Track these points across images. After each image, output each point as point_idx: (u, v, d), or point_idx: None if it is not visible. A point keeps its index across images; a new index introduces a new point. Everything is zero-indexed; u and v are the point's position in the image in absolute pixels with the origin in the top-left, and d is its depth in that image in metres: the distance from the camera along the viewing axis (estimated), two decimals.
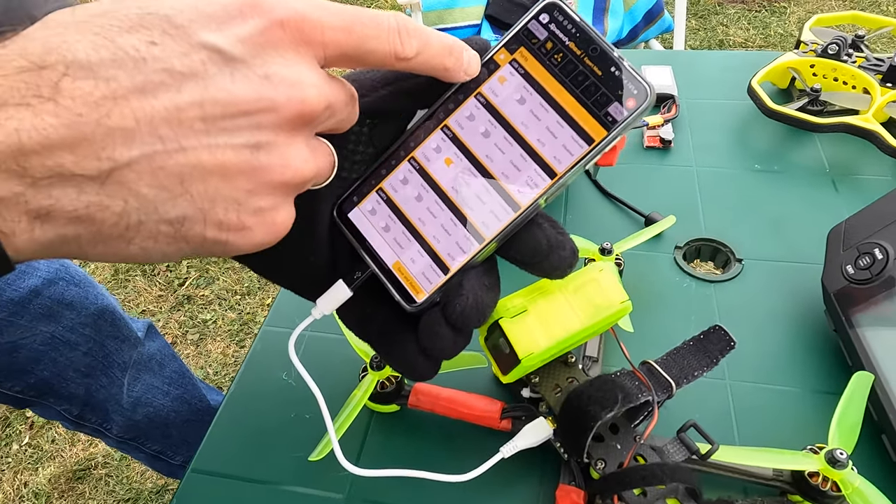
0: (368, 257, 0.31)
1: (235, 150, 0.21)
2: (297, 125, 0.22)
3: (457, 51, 0.26)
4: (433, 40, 0.25)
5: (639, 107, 0.26)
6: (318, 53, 0.22)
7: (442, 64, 0.26)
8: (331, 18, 0.22)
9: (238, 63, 0.20)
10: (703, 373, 0.36)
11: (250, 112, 0.21)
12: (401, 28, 0.24)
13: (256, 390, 0.46)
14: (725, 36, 2.22)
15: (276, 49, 0.21)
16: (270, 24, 0.21)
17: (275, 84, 0.21)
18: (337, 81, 0.24)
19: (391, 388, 0.41)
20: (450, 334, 0.29)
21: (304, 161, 0.23)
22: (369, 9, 0.24)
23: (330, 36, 0.22)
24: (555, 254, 0.29)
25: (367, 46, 0.23)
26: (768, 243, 0.52)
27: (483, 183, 0.28)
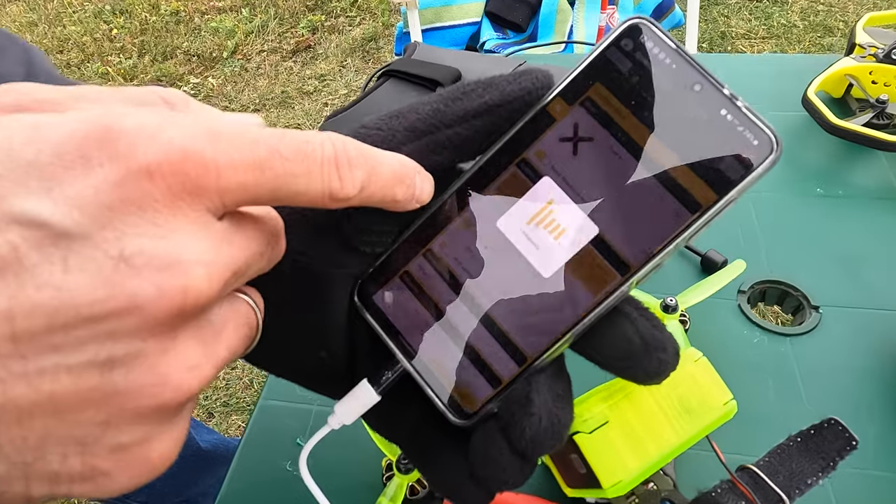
0: (401, 353, 0.23)
1: (74, 374, 0.14)
2: (177, 322, 0.15)
3: (409, 175, 0.19)
4: (382, 168, 0.18)
5: (761, 162, 0.19)
6: (212, 204, 0.15)
7: (392, 195, 0.19)
8: (233, 155, 0.15)
9: (76, 241, 0.13)
10: (819, 480, 0.29)
11: (97, 317, 0.13)
12: (339, 158, 0.17)
13: (255, 483, 0.38)
14: (727, 27, 2.16)
15: (142, 212, 0.14)
16: (131, 173, 0.14)
17: (137, 269, 0.14)
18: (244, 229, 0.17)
19: (423, 494, 0.33)
20: (515, 462, 0.22)
21: (187, 370, 0.15)
22: (294, 132, 0.16)
23: (231, 179, 0.15)
24: (651, 357, 0.21)
25: (291, 187, 0.16)
26: (845, 286, 0.45)
27: (556, 257, 0.21)
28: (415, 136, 0.22)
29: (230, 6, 2.51)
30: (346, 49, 2.26)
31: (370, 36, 2.29)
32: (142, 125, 0.14)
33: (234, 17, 2.46)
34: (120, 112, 0.14)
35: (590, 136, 0.21)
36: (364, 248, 0.23)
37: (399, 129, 0.22)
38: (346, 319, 0.24)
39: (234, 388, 1.31)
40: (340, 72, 2.16)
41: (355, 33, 2.32)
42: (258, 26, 2.40)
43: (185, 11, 2.53)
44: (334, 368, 0.24)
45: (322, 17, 2.41)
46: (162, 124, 0.14)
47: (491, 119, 0.22)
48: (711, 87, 0.19)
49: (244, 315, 0.18)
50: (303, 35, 2.36)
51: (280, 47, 2.32)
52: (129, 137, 0.14)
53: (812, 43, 2.06)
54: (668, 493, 0.30)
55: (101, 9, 2.51)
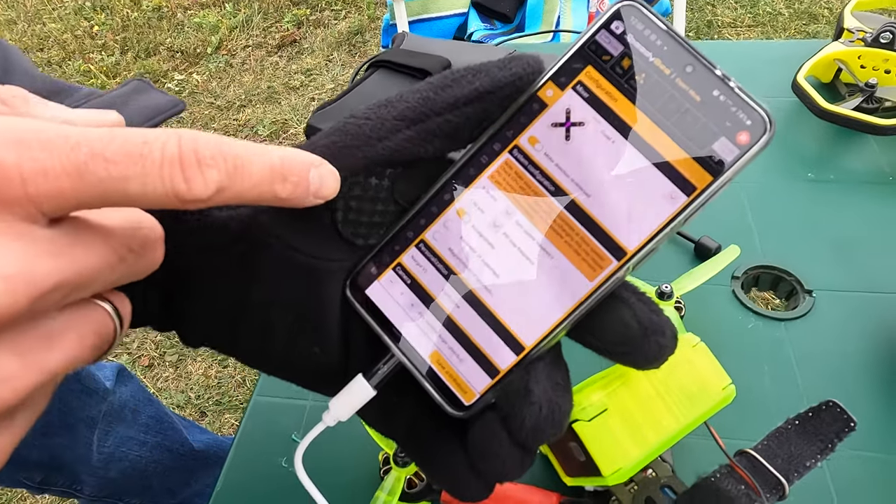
0: (396, 346, 0.23)
1: None
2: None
3: (296, 172, 0.18)
4: (250, 167, 0.17)
5: (755, 142, 0.19)
6: (25, 212, 0.14)
7: (271, 193, 0.18)
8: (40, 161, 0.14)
9: None
10: (818, 462, 0.29)
11: None
12: (185, 158, 0.15)
13: (249, 480, 0.38)
14: (714, 16, 2.16)
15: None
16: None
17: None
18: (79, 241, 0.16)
19: (421, 487, 0.33)
20: (515, 453, 0.21)
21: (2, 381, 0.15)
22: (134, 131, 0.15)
23: (41, 186, 0.14)
24: (650, 341, 0.21)
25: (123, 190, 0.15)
26: (838, 270, 0.45)
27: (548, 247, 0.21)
28: (405, 125, 0.21)
29: (213, 1, 2.48)
30: (331, 43, 2.24)
31: (356, 29, 2.27)
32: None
33: (218, 13, 2.43)
34: None
35: (582, 121, 0.20)
36: (356, 241, 0.23)
37: (388, 117, 0.21)
38: (340, 313, 0.23)
39: (226, 386, 1.30)
40: (327, 66, 2.14)
41: (341, 27, 2.30)
42: (242, 21, 2.37)
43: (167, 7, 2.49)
44: (328, 364, 0.23)
45: (307, 10, 2.39)
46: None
47: (482, 106, 0.21)
48: (703, 68, 0.19)
49: (93, 323, 0.17)
50: (288, 29, 2.34)
51: (265, 42, 2.29)
52: None
53: (797, 30, 2.06)
54: (667, 480, 0.30)
55: (81, 5, 2.47)
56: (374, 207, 0.23)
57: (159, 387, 1.32)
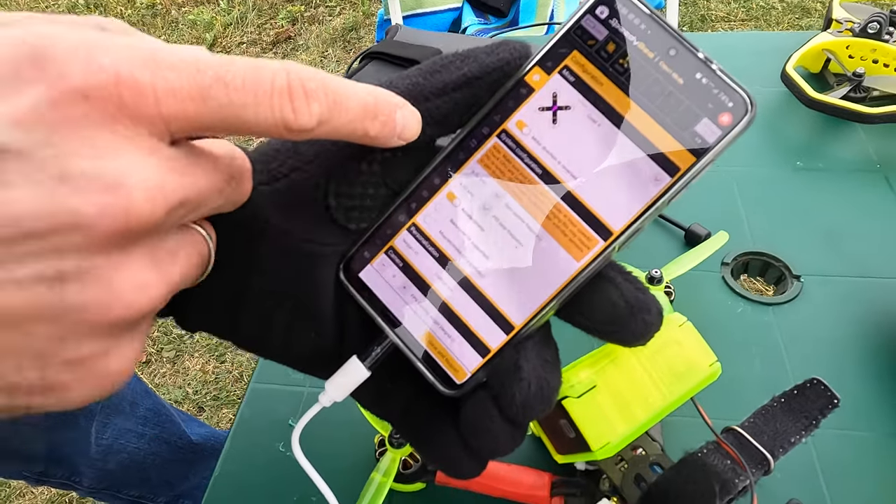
0: (389, 327, 0.23)
1: (24, 288, 0.14)
2: (125, 241, 0.15)
3: (384, 111, 0.19)
4: (349, 101, 0.18)
5: (736, 123, 0.19)
6: (157, 130, 0.15)
7: (362, 130, 0.19)
8: (171, 81, 0.15)
9: (14, 158, 0.13)
10: (803, 438, 0.30)
11: (40, 233, 0.14)
12: (293, 89, 0.16)
13: (248, 465, 0.38)
14: (707, 10, 2.17)
15: (80, 132, 0.14)
16: (67, 93, 0.13)
17: (79, 188, 0.14)
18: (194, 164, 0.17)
19: (416, 468, 0.34)
20: (506, 429, 0.22)
21: (137, 287, 0.15)
22: (246, 60, 0.16)
23: (171, 106, 0.15)
24: (636, 319, 0.22)
25: (239, 116, 0.16)
26: (825, 256, 0.46)
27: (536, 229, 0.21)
28: None
29: None
30: (326, 39, 2.24)
31: (350, 25, 2.27)
32: (75, 47, 0.14)
33: (212, 9, 2.42)
34: (54, 32, 0.14)
35: (568, 105, 0.21)
36: (349, 225, 0.23)
37: None
38: (335, 297, 0.24)
39: (223, 381, 1.31)
40: (321, 62, 2.14)
41: (335, 23, 2.30)
42: (237, 18, 2.37)
43: (161, 4, 2.49)
44: (324, 347, 0.24)
45: (301, 7, 2.39)
46: (95, 47, 0.14)
47: (470, 91, 0.22)
48: (686, 52, 0.20)
49: (197, 244, 0.18)
50: (282, 26, 2.33)
51: (260, 39, 2.29)
52: (61, 58, 0.14)
53: (790, 24, 2.07)
54: (656, 458, 0.31)
55: (74, 3, 2.46)
56: (365, 192, 0.23)
57: (157, 382, 1.32)
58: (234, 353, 1.35)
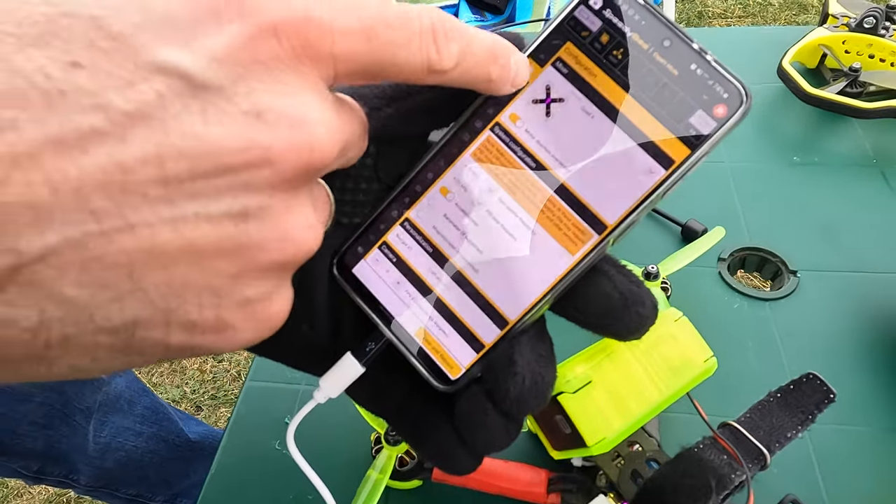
0: (383, 323, 0.23)
1: (213, 223, 0.14)
2: (301, 180, 0.15)
3: (503, 55, 0.19)
4: (476, 43, 0.18)
5: (731, 115, 0.19)
6: (327, 72, 0.16)
7: (486, 74, 0.19)
8: (345, 20, 0.15)
9: (213, 94, 0.14)
10: (798, 433, 0.30)
11: (234, 167, 0.14)
12: (436, 29, 0.17)
13: (244, 463, 0.38)
14: (704, 7, 2.17)
15: (269, 70, 0.14)
16: (260, 31, 0.14)
17: (270, 124, 0.14)
18: (347, 109, 0.17)
19: (412, 465, 0.34)
20: (500, 423, 0.22)
21: (307, 228, 0.16)
22: (391, 1, 0.16)
23: (343, 46, 0.15)
24: (630, 312, 0.21)
25: (393, 57, 0.16)
26: (822, 251, 0.46)
27: (530, 223, 0.21)
28: (385, 102, 0.22)
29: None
30: None
31: None
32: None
33: None
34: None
35: (562, 97, 0.21)
36: (342, 220, 0.23)
37: (369, 95, 0.22)
38: (328, 292, 0.23)
39: (221, 380, 1.30)
40: None
41: None
42: None
43: None
44: (317, 343, 0.24)
45: None
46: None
47: None
48: (681, 43, 0.20)
49: (327, 195, 0.19)
50: None
51: None
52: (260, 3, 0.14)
53: (787, 21, 2.07)
54: (652, 454, 0.31)
55: None
56: (358, 186, 0.23)
57: (154, 382, 1.32)
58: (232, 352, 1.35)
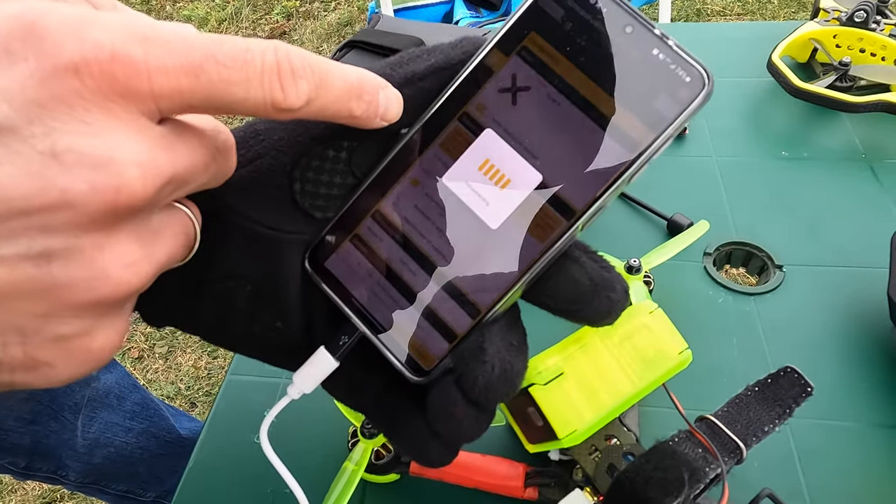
0: (356, 316, 0.23)
1: (9, 265, 0.14)
2: (113, 220, 0.15)
3: (370, 90, 0.19)
4: (332, 80, 0.18)
5: (694, 98, 0.19)
6: (147, 107, 0.15)
7: (347, 110, 0.19)
8: (162, 58, 0.15)
9: (4, 135, 0.13)
10: (776, 427, 0.29)
11: (28, 210, 0.14)
12: (281, 67, 0.16)
13: (223, 458, 0.38)
14: (703, 4, 2.16)
15: (71, 109, 0.14)
16: (58, 70, 0.13)
17: (67, 166, 0.14)
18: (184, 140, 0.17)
19: (388, 458, 0.33)
20: (470, 413, 0.22)
21: (128, 265, 0.16)
22: (235, 39, 0.16)
23: (162, 83, 0.15)
24: (600, 296, 0.21)
25: (230, 95, 0.16)
26: (809, 246, 0.45)
27: (503, 206, 0.21)
28: None
29: None
30: (321, 35, 2.24)
31: (346, 21, 2.26)
32: (67, 23, 0.14)
33: (207, 5, 2.41)
34: (45, 8, 0.14)
35: (528, 86, 0.21)
36: (315, 213, 0.23)
37: None
38: (300, 286, 0.23)
39: (216, 377, 1.30)
40: None
41: (330, 18, 2.29)
42: (231, 13, 2.36)
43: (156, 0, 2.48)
44: (290, 339, 0.24)
45: (296, 2, 2.38)
46: (88, 23, 0.14)
47: (436, 79, 0.22)
48: (642, 28, 0.19)
49: (182, 223, 0.18)
50: (277, 21, 2.33)
51: (254, 34, 2.28)
52: (54, 34, 0.13)
53: (787, 18, 2.06)
54: (629, 448, 0.30)
55: None
56: (332, 179, 0.23)
57: (149, 378, 1.32)
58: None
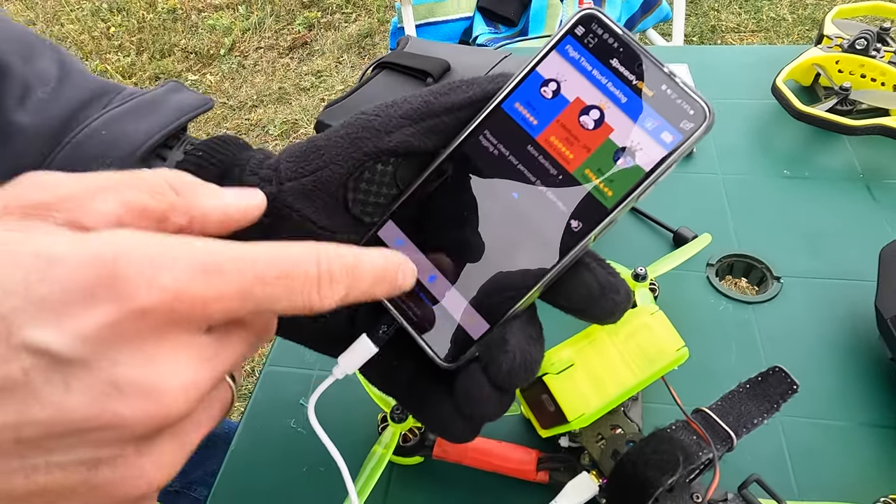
0: (395, 309, 0.27)
1: (65, 470, 0.17)
2: (155, 434, 0.18)
3: (390, 274, 0.22)
4: (364, 275, 0.20)
5: (696, 129, 0.23)
6: (198, 327, 0.18)
7: (370, 296, 0.21)
8: (219, 287, 0.17)
9: (76, 368, 0.16)
10: (764, 420, 0.33)
11: (87, 430, 0.16)
12: (321, 279, 0.19)
13: (262, 442, 0.42)
14: (717, 21, 2.19)
15: (131, 343, 0.16)
16: (129, 313, 0.16)
17: (124, 395, 0.16)
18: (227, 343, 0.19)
19: (414, 441, 0.37)
20: (494, 396, 0.25)
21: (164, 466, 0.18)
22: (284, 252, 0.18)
23: (215, 309, 0.17)
24: (607, 299, 0.25)
25: (272, 306, 0.18)
26: (806, 259, 0.49)
27: (527, 217, 0.25)
28: (408, 122, 0.26)
29: (227, 3, 2.53)
30: (342, 45, 2.29)
31: (366, 32, 2.31)
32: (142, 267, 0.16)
33: (231, 15, 2.48)
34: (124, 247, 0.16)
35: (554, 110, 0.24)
36: (364, 218, 0.27)
37: (395, 115, 0.26)
38: None
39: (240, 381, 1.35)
40: (337, 68, 2.19)
41: (351, 30, 2.34)
42: (255, 23, 2.42)
43: (181, 9, 2.55)
44: (336, 327, 0.28)
45: (318, 13, 2.44)
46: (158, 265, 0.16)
47: (473, 109, 0.25)
48: (654, 67, 0.23)
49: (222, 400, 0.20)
50: (299, 32, 2.38)
51: (277, 44, 2.34)
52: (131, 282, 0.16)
53: (800, 36, 2.09)
54: (632, 436, 0.34)
55: (98, 7, 2.53)
56: (379, 190, 0.27)
57: None
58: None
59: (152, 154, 0.29)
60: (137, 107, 0.29)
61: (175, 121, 0.29)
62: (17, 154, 0.26)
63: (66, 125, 0.27)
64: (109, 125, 0.27)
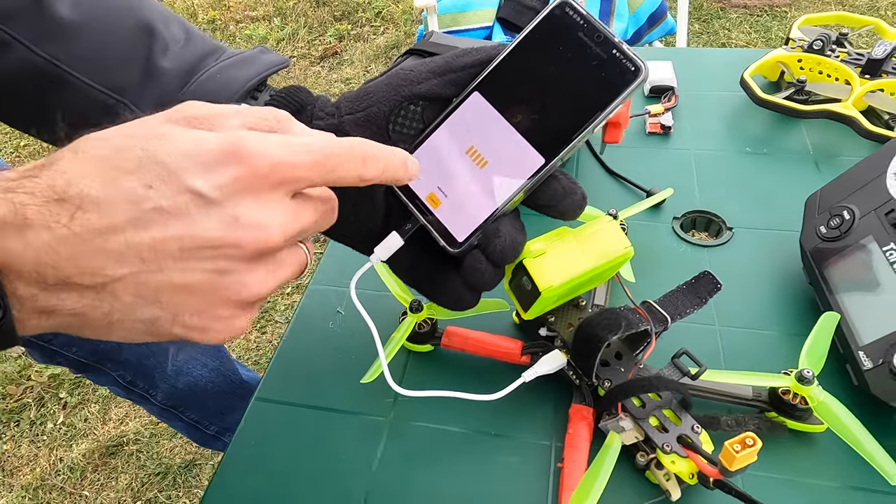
0: (418, 212, 0.37)
1: (202, 273, 0.25)
2: (259, 256, 0.26)
3: (411, 164, 0.32)
4: (393, 161, 0.30)
5: (635, 79, 0.33)
6: (291, 189, 0.26)
7: (396, 177, 0.31)
8: (303, 160, 0.26)
9: (214, 206, 0.24)
10: (694, 310, 0.43)
11: (219, 247, 0.25)
12: (367, 157, 0.28)
13: (306, 337, 0.52)
14: (728, 39, 2.29)
15: (249, 193, 0.25)
16: (246, 173, 0.25)
17: (242, 226, 0.25)
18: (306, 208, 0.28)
19: (427, 329, 0.48)
20: (490, 269, 0.36)
21: (260, 283, 0.27)
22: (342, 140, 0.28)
23: (300, 174, 0.26)
24: (568, 198, 0.36)
25: (336, 175, 0.27)
26: (756, 215, 0.59)
27: (515, 144, 0.35)
28: (434, 76, 0.37)
29: (263, 15, 2.69)
30: (370, 55, 2.43)
31: (392, 43, 2.45)
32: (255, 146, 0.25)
33: (267, 26, 2.64)
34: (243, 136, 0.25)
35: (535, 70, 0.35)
36: (398, 144, 0.38)
37: (424, 70, 0.37)
38: (384, 200, 0.38)
39: (263, 349, 1.46)
40: (364, 76, 2.33)
41: (379, 41, 2.48)
42: (289, 34, 2.57)
43: (220, 20, 2.71)
44: (376, 231, 0.39)
45: (348, 26, 2.58)
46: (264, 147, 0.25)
47: (481, 67, 0.37)
48: (608, 38, 0.34)
49: (299, 257, 0.29)
50: (330, 42, 2.53)
51: (309, 53, 2.49)
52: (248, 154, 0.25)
53: None
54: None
55: None
56: (411, 124, 0.38)
57: None
58: (275, 325, 1.50)
59: (248, 95, 0.40)
60: (240, 60, 0.40)
61: (265, 71, 0.40)
62: (162, 87, 0.38)
63: (192, 70, 0.39)
64: (222, 71, 0.39)
